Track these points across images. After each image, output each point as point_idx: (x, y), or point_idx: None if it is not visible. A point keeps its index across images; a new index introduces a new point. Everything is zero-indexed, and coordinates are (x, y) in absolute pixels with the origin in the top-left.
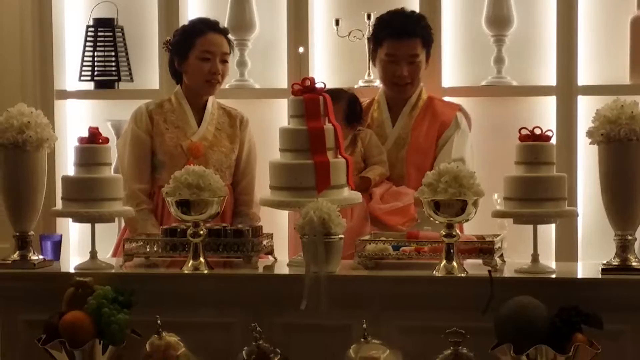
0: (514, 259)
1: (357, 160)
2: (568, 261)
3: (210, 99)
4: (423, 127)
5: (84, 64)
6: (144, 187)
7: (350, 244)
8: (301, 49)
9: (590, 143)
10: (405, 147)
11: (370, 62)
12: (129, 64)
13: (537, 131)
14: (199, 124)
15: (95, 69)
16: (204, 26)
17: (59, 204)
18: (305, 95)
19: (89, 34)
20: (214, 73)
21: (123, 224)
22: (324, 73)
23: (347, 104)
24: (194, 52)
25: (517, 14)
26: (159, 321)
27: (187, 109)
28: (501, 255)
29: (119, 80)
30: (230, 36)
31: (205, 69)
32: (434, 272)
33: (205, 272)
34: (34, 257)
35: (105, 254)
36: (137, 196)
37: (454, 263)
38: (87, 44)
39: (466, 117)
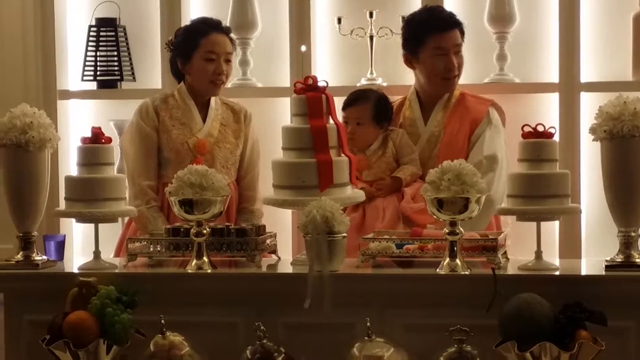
0: (518, 256)
1: (389, 160)
2: (571, 258)
3: None
4: (455, 124)
5: (87, 64)
6: (152, 184)
7: (362, 244)
8: (303, 48)
9: (593, 140)
10: (438, 145)
11: (408, 65)
12: (131, 64)
13: (540, 128)
14: (203, 120)
15: (98, 68)
16: (207, 26)
17: (62, 204)
18: (308, 94)
19: (92, 33)
20: (219, 73)
21: (126, 222)
22: (327, 71)
23: (375, 103)
24: (198, 53)
25: (519, 11)
26: (162, 321)
27: (192, 105)
28: (504, 253)
29: (122, 80)
30: (232, 35)
31: (210, 70)
32: (438, 269)
33: (209, 271)
34: (38, 257)
35: (109, 254)
36: (146, 193)
37: (458, 261)
38: (90, 43)
39: (499, 112)
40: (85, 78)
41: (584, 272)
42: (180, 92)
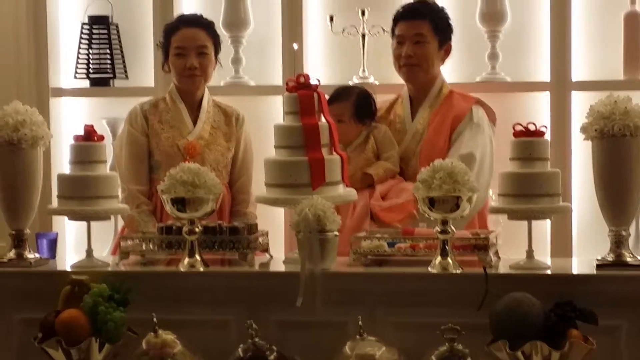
0: (509, 255)
1: (369, 156)
2: (563, 257)
3: (205, 96)
4: (438, 122)
5: (79, 61)
6: (143, 189)
7: (349, 241)
8: (295, 46)
9: (584, 139)
10: (421, 142)
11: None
12: (124, 62)
13: (531, 127)
14: (194, 122)
15: (91, 66)
16: (178, 22)
17: (54, 202)
18: (300, 92)
19: (84, 31)
20: (190, 67)
21: (121, 224)
22: (319, 69)
23: (355, 101)
24: (171, 49)
25: (510, 9)
26: (155, 319)
27: (182, 107)
28: (496, 252)
29: (114, 77)
30: (215, 29)
31: (181, 65)
32: (429, 268)
33: (201, 269)
34: (30, 255)
35: (102, 252)
36: (137, 197)
37: (449, 259)
38: (82, 41)
39: (487, 110)
40: (77, 76)
41: (575, 271)
42: (171, 94)
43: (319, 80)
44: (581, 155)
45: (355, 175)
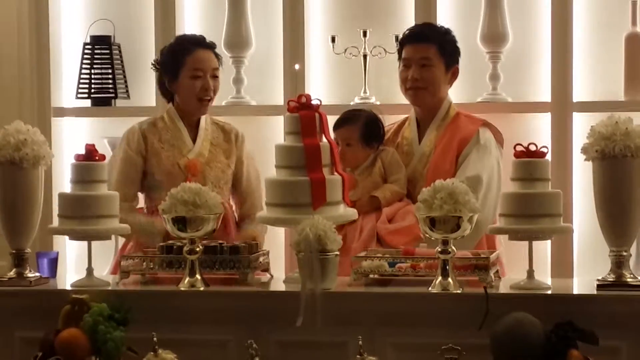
0: (510, 275)
1: (376, 179)
2: (563, 277)
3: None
4: (445, 144)
5: (81, 81)
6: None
7: (355, 263)
8: (297, 66)
9: (585, 159)
10: (428, 164)
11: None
12: (125, 82)
13: (532, 147)
14: (193, 140)
15: (92, 86)
16: (191, 44)
17: (55, 221)
18: (301, 112)
19: (86, 51)
20: (206, 89)
21: (121, 243)
22: (320, 90)
23: (364, 124)
24: (185, 71)
25: (512, 30)
26: (155, 338)
27: (181, 126)
28: (497, 272)
29: (116, 97)
30: (225, 52)
31: (197, 87)
32: (430, 288)
33: (202, 289)
34: (30, 274)
35: (102, 271)
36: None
37: (450, 279)
38: (84, 61)
39: (494, 132)
40: (79, 95)
41: (575, 292)
42: (170, 113)
43: (320, 101)
44: (582, 176)
45: (362, 198)
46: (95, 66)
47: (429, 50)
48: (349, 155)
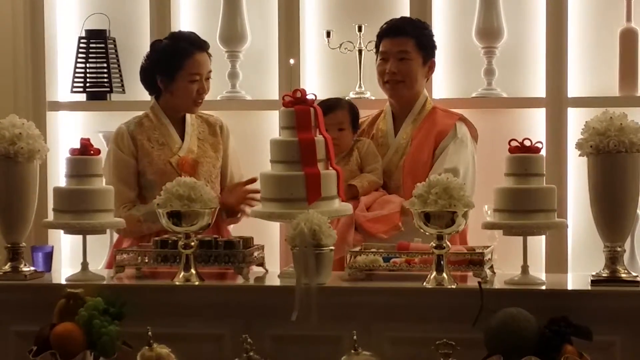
0: (504, 271)
1: (353, 168)
2: (558, 272)
3: None
4: (422, 137)
5: (76, 75)
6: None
7: (335, 250)
8: (292, 61)
9: (580, 155)
10: (404, 156)
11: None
12: (120, 76)
13: (527, 143)
14: (181, 137)
15: (87, 80)
16: (190, 46)
17: (50, 215)
18: (296, 107)
19: (81, 45)
20: (201, 93)
21: (116, 238)
22: (315, 85)
23: (350, 109)
24: (182, 74)
25: (507, 26)
26: (150, 333)
27: (168, 123)
28: (491, 267)
29: (111, 91)
30: (211, 45)
31: (194, 90)
32: (424, 283)
33: (197, 283)
34: (25, 268)
35: (97, 265)
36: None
37: (444, 274)
38: (79, 55)
39: (469, 128)
40: (74, 90)
41: (570, 287)
42: (154, 110)
43: (315, 95)
44: (577, 171)
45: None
46: (90, 60)
47: (407, 43)
48: (342, 139)
